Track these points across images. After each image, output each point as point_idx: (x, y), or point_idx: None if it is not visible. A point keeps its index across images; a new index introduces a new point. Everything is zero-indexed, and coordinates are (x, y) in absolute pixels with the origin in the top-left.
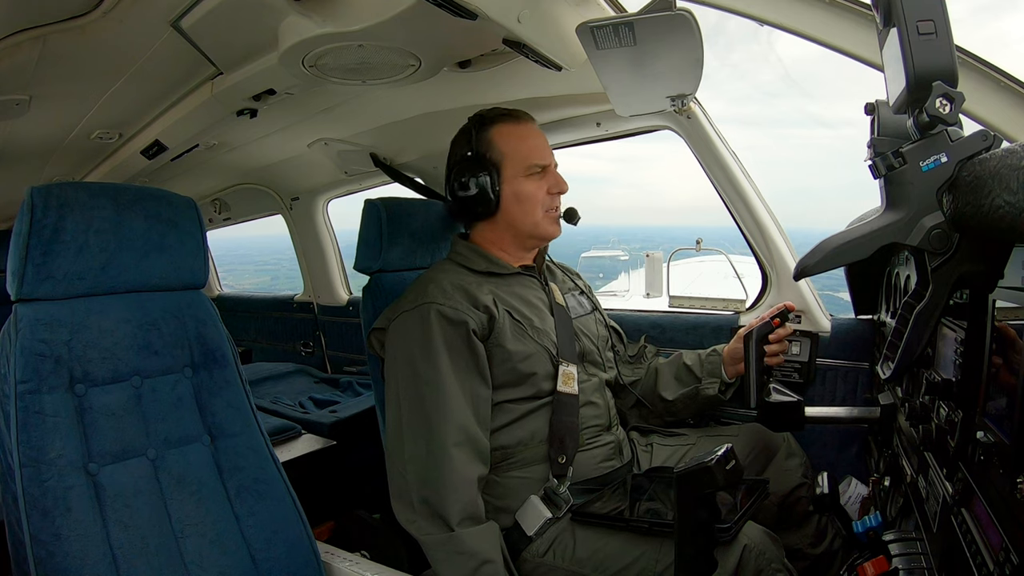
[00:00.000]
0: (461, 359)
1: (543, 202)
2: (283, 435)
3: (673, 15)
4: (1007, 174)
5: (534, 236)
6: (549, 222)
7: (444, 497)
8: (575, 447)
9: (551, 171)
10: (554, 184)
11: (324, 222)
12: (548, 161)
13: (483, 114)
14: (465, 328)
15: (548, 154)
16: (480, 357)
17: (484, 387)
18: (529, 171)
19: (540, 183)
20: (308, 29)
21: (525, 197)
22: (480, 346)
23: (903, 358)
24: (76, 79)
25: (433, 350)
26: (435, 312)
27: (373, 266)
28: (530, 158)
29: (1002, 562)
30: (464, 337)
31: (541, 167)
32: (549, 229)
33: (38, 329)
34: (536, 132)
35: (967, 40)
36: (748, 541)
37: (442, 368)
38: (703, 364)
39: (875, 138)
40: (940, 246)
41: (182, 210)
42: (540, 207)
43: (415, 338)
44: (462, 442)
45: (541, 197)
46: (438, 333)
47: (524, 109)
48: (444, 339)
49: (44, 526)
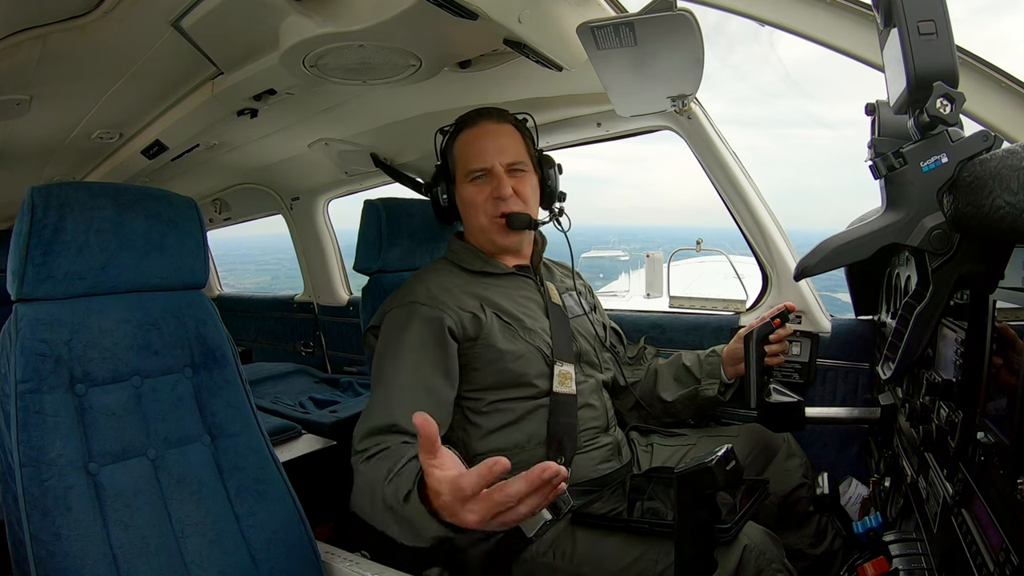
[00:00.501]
0: (428, 356)
1: (484, 208)
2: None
3: (674, 15)
4: (1007, 174)
5: (484, 243)
6: (495, 229)
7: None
8: (574, 448)
9: (496, 175)
10: (495, 188)
11: (324, 222)
12: (488, 164)
13: (456, 122)
14: (439, 324)
15: (491, 156)
16: (450, 357)
17: (446, 386)
18: (470, 176)
19: (481, 187)
20: (309, 29)
21: (466, 203)
22: (453, 345)
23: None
24: (76, 79)
25: (401, 348)
26: (415, 312)
27: (373, 266)
28: (470, 162)
29: (1002, 563)
30: (436, 333)
31: (481, 171)
32: (495, 237)
33: (38, 329)
34: (486, 133)
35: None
36: (748, 541)
37: (399, 365)
38: (702, 365)
39: (876, 138)
40: (940, 246)
41: (182, 210)
42: (482, 213)
43: (393, 337)
44: (416, 400)
45: (480, 202)
46: (412, 333)
47: (524, 109)
48: (416, 338)
49: (44, 526)
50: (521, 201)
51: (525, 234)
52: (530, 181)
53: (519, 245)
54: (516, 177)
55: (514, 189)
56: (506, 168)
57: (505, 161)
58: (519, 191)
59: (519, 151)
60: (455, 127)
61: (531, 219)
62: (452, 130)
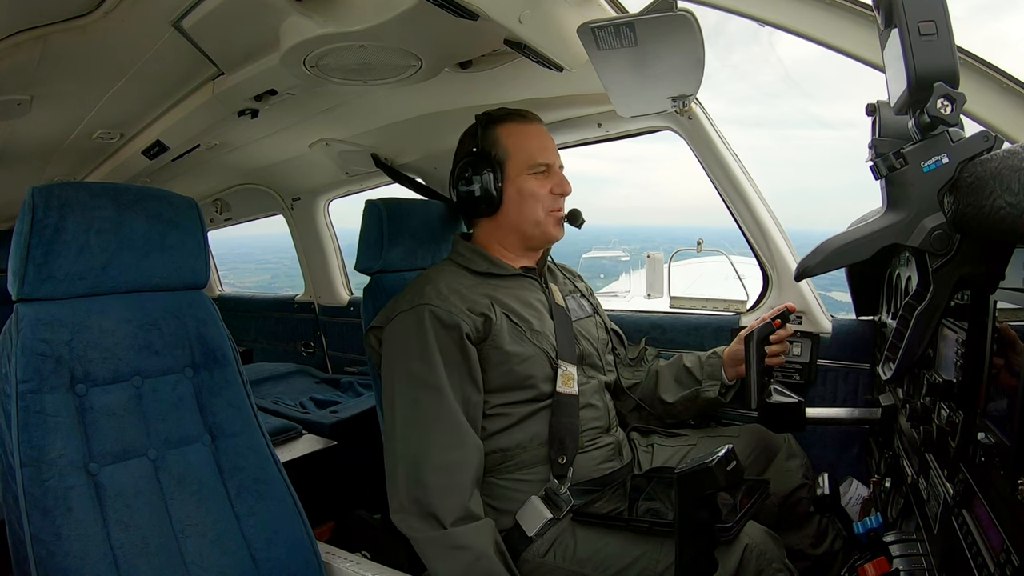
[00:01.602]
0: (454, 362)
1: (545, 201)
2: (284, 435)
3: (674, 16)
4: (1008, 175)
5: (536, 236)
6: (552, 223)
7: (438, 498)
8: (575, 448)
9: (555, 171)
10: (557, 184)
11: (325, 222)
12: (552, 160)
13: (491, 113)
14: (459, 332)
15: (553, 154)
16: (472, 362)
17: (475, 392)
18: (533, 169)
19: (543, 182)
20: (309, 29)
21: (528, 195)
22: (473, 351)
23: (904, 359)
24: (77, 79)
25: (428, 351)
26: (429, 314)
27: (374, 266)
28: (535, 156)
29: (1003, 563)
30: (457, 341)
31: (545, 166)
32: (551, 230)
33: (39, 329)
34: (543, 132)
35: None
36: (749, 541)
37: (437, 369)
38: (703, 366)
39: (876, 139)
40: (941, 247)
41: (183, 210)
42: (542, 206)
43: (411, 339)
44: (456, 443)
45: (543, 195)
46: (432, 335)
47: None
48: (438, 341)
49: (45, 526)
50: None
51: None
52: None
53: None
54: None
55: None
56: (559, 168)
57: (560, 161)
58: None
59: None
60: (500, 117)
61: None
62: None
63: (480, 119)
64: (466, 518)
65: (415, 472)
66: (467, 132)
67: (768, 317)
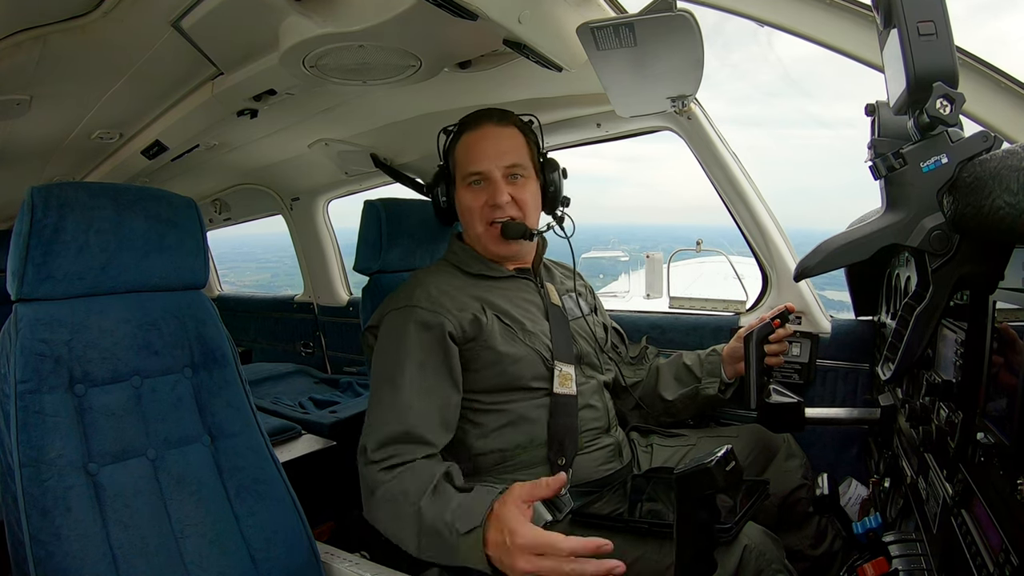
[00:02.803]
0: (431, 362)
1: (480, 214)
2: (283, 435)
3: (673, 16)
4: (1007, 175)
5: (482, 249)
6: (490, 237)
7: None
8: (574, 449)
9: (492, 180)
10: (491, 195)
11: (324, 222)
12: (485, 168)
13: (461, 121)
14: (441, 330)
15: (490, 160)
16: (453, 361)
17: (454, 392)
18: (466, 180)
19: (478, 193)
20: (309, 29)
21: (463, 209)
22: (455, 349)
23: (903, 359)
24: (76, 79)
25: (403, 353)
26: (415, 316)
27: (373, 266)
28: (467, 166)
29: (1002, 563)
30: (438, 339)
31: (477, 174)
32: (490, 245)
33: (38, 329)
34: (487, 135)
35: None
36: (748, 541)
37: (405, 371)
38: (703, 364)
39: (875, 139)
40: (940, 247)
41: (182, 210)
42: (478, 220)
43: (393, 340)
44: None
45: (476, 208)
46: (413, 337)
47: (525, 110)
48: (418, 343)
49: (44, 526)
50: (518, 208)
51: (522, 242)
52: (530, 187)
53: (516, 253)
54: (515, 183)
55: (512, 195)
56: (505, 173)
57: (503, 164)
58: (518, 197)
59: (520, 155)
60: (458, 128)
61: (526, 229)
62: (455, 130)
63: (446, 131)
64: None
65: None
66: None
67: (767, 317)
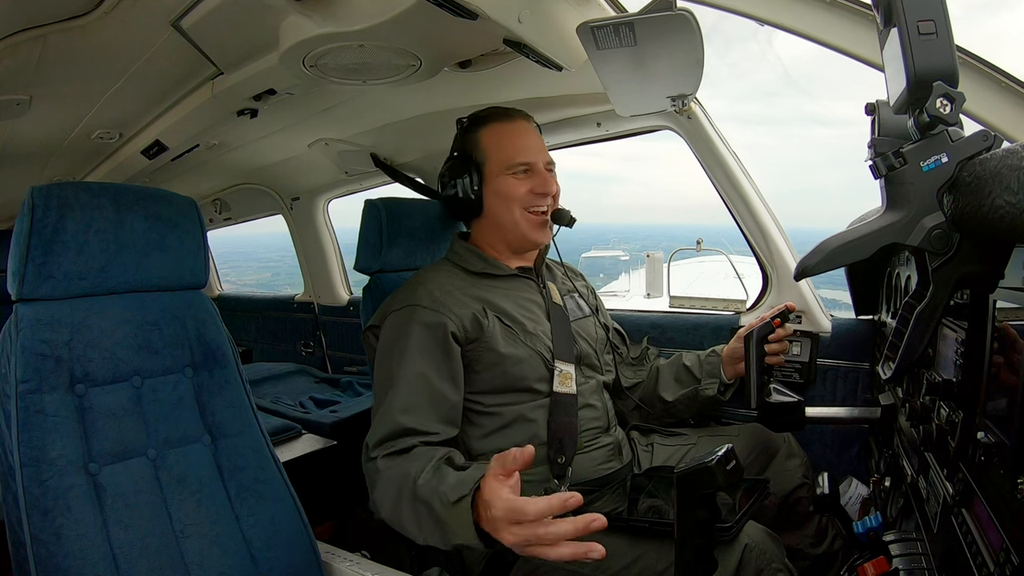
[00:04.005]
0: (433, 362)
1: (523, 200)
2: (283, 435)
3: (673, 15)
4: (1007, 174)
5: (517, 239)
6: (531, 225)
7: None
8: (574, 447)
9: (538, 171)
10: (539, 184)
11: (325, 222)
12: (533, 159)
13: (476, 114)
14: (443, 330)
15: (536, 153)
16: (454, 362)
17: (455, 392)
18: (512, 169)
19: (522, 181)
20: (308, 29)
21: (504, 195)
22: (456, 350)
23: (904, 358)
24: (77, 79)
25: (407, 353)
26: (417, 315)
27: (373, 266)
28: (513, 156)
29: (1002, 563)
30: (440, 339)
31: (525, 165)
32: (530, 233)
33: (39, 329)
34: (526, 130)
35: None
36: (749, 540)
37: (406, 370)
38: (702, 365)
39: (876, 138)
40: (941, 246)
41: (182, 210)
42: (519, 205)
43: (395, 340)
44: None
45: (521, 196)
46: (415, 337)
47: (524, 109)
48: (420, 343)
49: (44, 526)
50: (554, 200)
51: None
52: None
53: (544, 243)
54: (552, 177)
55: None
56: (545, 166)
57: (544, 159)
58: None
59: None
60: (483, 119)
61: (572, 216)
62: (477, 122)
63: (461, 122)
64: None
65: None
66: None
67: (768, 316)
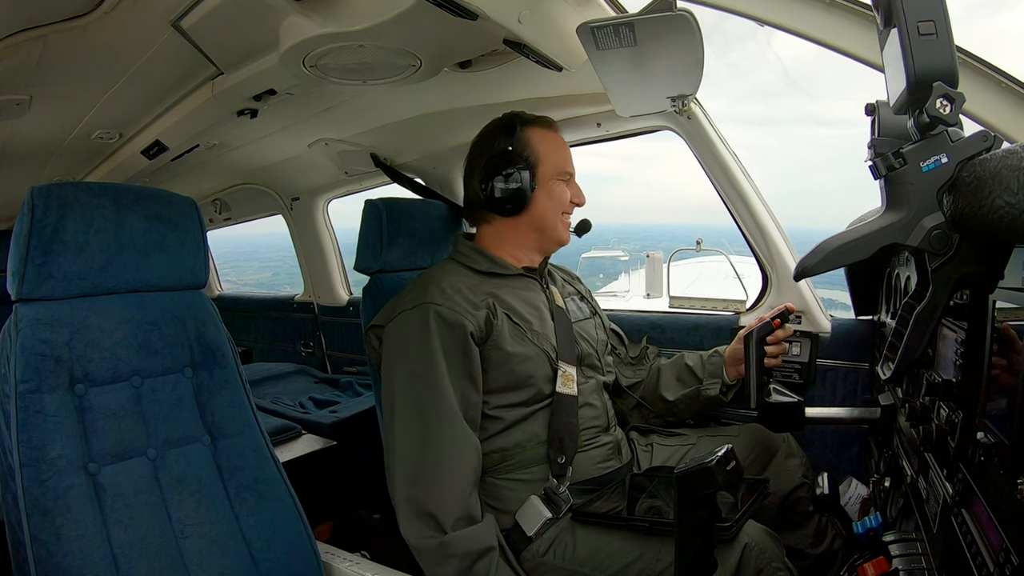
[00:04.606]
0: (455, 362)
1: (565, 206)
2: (283, 435)
3: (673, 15)
4: (1007, 175)
5: (551, 238)
6: (564, 228)
7: (435, 498)
8: (574, 447)
9: (574, 182)
10: (576, 194)
11: (324, 222)
12: (573, 170)
13: (520, 114)
14: (463, 331)
15: (573, 164)
16: (474, 362)
17: (475, 392)
18: (561, 176)
19: (565, 189)
20: (308, 29)
21: (556, 198)
22: (475, 350)
23: (903, 359)
24: (77, 79)
25: (431, 351)
26: (434, 313)
27: (373, 266)
28: (563, 164)
29: (1002, 563)
30: (460, 341)
31: (569, 175)
32: (564, 234)
33: (38, 329)
34: (565, 142)
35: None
36: (749, 540)
37: (439, 370)
38: (705, 365)
39: (875, 139)
40: (940, 247)
41: (182, 210)
42: (560, 212)
43: (413, 338)
44: (456, 444)
45: (566, 201)
46: (436, 334)
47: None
48: (441, 341)
49: (44, 526)
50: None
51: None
52: None
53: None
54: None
55: None
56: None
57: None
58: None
59: None
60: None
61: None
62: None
63: (508, 119)
64: (464, 519)
65: (415, 471)
66: (491, 130)
67: (767, 317)
